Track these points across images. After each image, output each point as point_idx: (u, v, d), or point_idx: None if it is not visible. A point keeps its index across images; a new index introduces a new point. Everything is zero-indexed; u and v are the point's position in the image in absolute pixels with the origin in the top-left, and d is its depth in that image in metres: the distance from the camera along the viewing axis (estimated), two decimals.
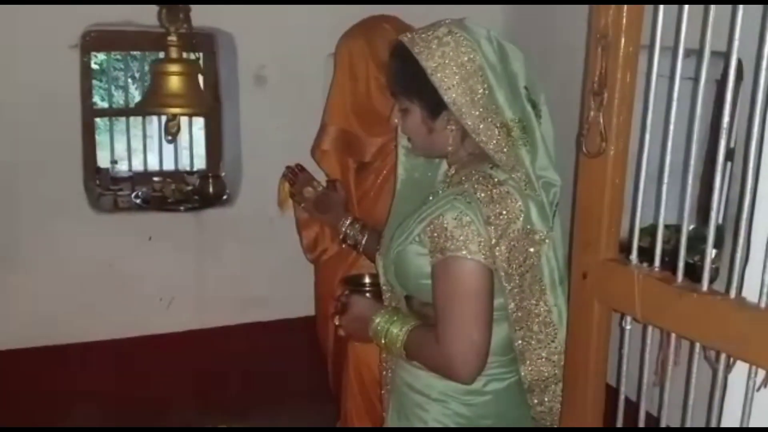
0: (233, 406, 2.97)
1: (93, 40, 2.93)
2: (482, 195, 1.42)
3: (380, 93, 2.05)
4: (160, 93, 2.32)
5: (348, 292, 1.74)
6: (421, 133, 1.56)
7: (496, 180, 1.45)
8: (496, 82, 1.45)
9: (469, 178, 1.47)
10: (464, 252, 1.39)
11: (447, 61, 1.43)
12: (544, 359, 1.55)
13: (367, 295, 1.75)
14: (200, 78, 2.52)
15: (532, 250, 1.48)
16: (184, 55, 2.30)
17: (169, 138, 2.51)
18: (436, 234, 1.41)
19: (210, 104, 2.85)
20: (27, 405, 2.76)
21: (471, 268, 1.40)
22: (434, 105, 1.49)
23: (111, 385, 2.88)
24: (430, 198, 1.55)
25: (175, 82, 2.29)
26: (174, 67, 2.28)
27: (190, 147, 3.57)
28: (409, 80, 1.50)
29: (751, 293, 1.06)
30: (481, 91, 1.44)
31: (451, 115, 1.47)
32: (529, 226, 1.46)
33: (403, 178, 1.72)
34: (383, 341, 1.56)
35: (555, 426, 1.60)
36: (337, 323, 1.69)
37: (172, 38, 2.24)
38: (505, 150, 1.46)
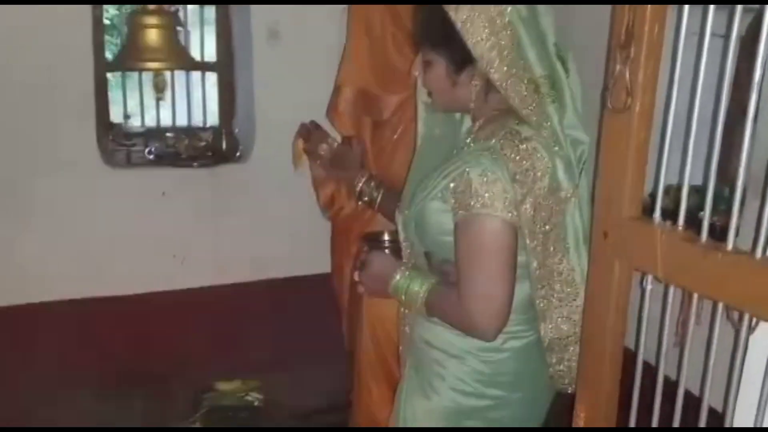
0: (248, 362, 2.99)
1: None
2: (509, 151, 1.39)
3: (397, 49, 2.02)
4: (137, 47, 2.22)
5: (367, 248, 1.73)
6: (444, 87, 1.52)
7: (523, 136, 1.42)
8: (526, 38, 1.42)
9: (495, 133, 1.44)
10: (489, 209, 1.36)
11: (477, 14, 1.39)
12: (564, 318, 1.54)
13: (387, 251, 1.73)
14: (178, 31, 2.40)
15: (557, 208, 1.46)
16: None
17: (159, 96, 2.46)
18: (460, 190, 1.39)
19: (189, 60, 2.77)
20: (42, 362, 2.79)
21: (496, 226, 1.38)
22: (460, 58, 1.45)
23: (125, 342, 2.90)
24: (454, 153, 1.53)
25: (152, 36, 2.21)
26: (151, 20, 2.18)
27: (203, 102, 3.54)
28: (436, 32, 1.47)
29: None
30: (510, 45, 1.41)
31: (476, 69, 1.44)
32: (555, 184, 1.44)
33: (423, 134, 1.69)
34: (403, 298, 1.55)
35: (572, 385, 1.59)
36: (356, 280, 1.68)
37: None
38: (532, 106, 1.44)
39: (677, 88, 1.16)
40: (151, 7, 2.13)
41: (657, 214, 1.21)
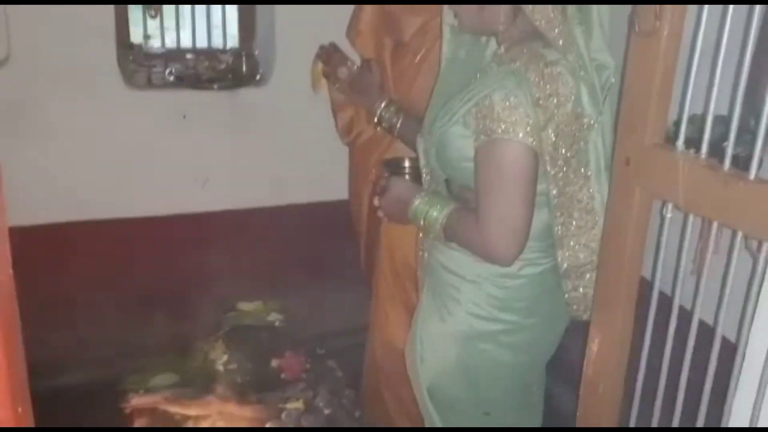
0: (269, 285, 3.04)
1: None
2: (533, 75, 1.37)
3: None
4: None
5: (387, 174, 1.73)
6: (471, 9, 1.49)
7: (548, 60, 1.39)
8: None
9: (520, 56, 1.42)
10: (511, 134, 1.35)
11: None
12: (582, 246, 1.54)
13: (407, 177, 1.73)
14: None
15: (579, 135, 1.44)
16: None
17: (152, 13, 2.44)
18: (482, 115, 1.38)
19: None
20: (65, 282, 2.84)
21: (517, 152, 1.36)
22: None
23: (147, 263, 2.94)
24: (478, 77, 1.50)
25: None
26: None
27: (223, 24, 3.50)
28: None
29: None
30: None
31: None
32: (578, 110, 1.42)
33: (448, 57, 1.66)
34: (422, 223, 1.56)
35: (587, 312, 1.60)
36: (376, 204, 1.69)
37: None
38: (558, 29, 1.41)
39: (707, 11, 1.13)
40: None
41: (680, 141, 1.19)
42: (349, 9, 2.27)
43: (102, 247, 2.89)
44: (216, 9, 3.41)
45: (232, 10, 3.41)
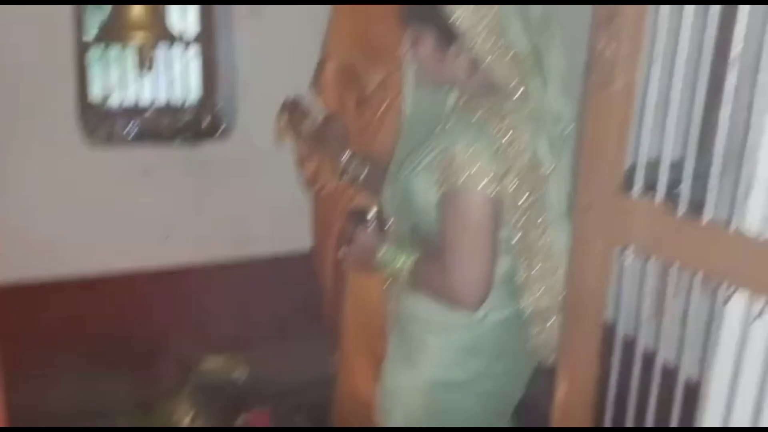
0: (233, 339, 3.00)
1: None
2: (492, 126, 1.42)
3: (382, 24, 2.02)
4: (120, 21, 2.21)
5: (353, 224, 1.75)
6: (432, 62, 1.54)
7: (506, 111, 1.44)
8: (510, 13, 1.43)
9: (479, 108, 1.46)
10: (473, 183, 1.39)
11: None
12: (544, 291, 1.57)
13: (372, 226, 1.76)
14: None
15: (538, 182, 1.48)
16: None
17: (145, 67, 2.45)
18: (445, 164, 1.42)
19: (170, 33, 2.77)
20: (23, 342, 2.77)
21: (480, 200, 1.40)
22: (447, 34, 1.47)
23: (108, 321, 2.89)
24: (439, 128, 1.54)
25: (135, 10, 2.19)
26: None
27: (184, 79, 3.52)
28: (422, 9, 1.48)
29: (752, 224, 1.07)
30: (494, 21, 1.42)
31: (463, 44, 1.46)
32: (536, 159, 1.47)
33: (410, 109, 1.71)
34: (389, 271, 1.58)
35: (552, 356, 1.62)
36: (342, 254, 1.71)
37: None
38: (516, 81, 1.46)
39: (660, 63, 1.18)
40: None
41: (637, 188, 1.23)
42: (312, 63, 2.31)
43: (62, 305, 2.84)
44: (177, 62, 3.44)
45: (193, 63, 3.44)
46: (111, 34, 2.32)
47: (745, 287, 1.06)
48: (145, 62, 2.30)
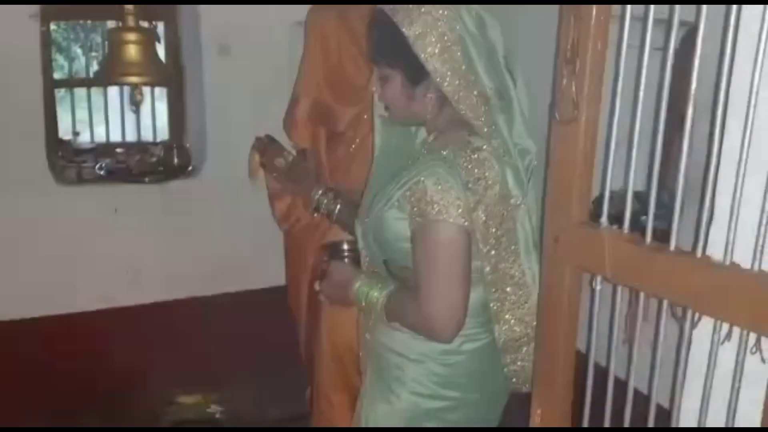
0: (207, 376, 2.99)
1: (52, 10, 2.87)
2: (461, 161, 1.45)
3: (353, 63, 2.07)
4: (119, 62, 2.28)
5: (327, 258, 1.77)
6: (401, 101, 1.58)
7: (474, 146, 1.48)
8: (475, 52, 1.48)
9: (448, 144, 1.50)
10: (444, 216, 1.42)
11: (429, 30, 1.45)
12: (517, 320, 1.60)
13: (346, 260, 1.78)
14: (159, 46, 2.48)
15: (508, 214, 1.52)
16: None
17: (134, 108, 2.48)
18: (416, 198, 1.45)
19: (170, 73, 2.83)
20: None
21: (451, 232, 1.44)
22: (415, 73, 1.51)
23: (81, 360, 2.86)
24: (410, 164, 1.58)
25: (132, 51, 2.26)
26: (131, 36, 2.24)
27: (153, 117, 3.54)
28: (391, 48, 1.52)
29: (715, 251, 1.11)
30: (461, 60, 1.47)
31: (431, 83, 1.50)
32: (505, 192, 1.51)
33: (380, 146, 1.74)
34: (363, 304, 1.60)
35: (527, 384, 1.65)
36: (317, 288, 1.72)
37: (129, 6, 2.20)
38: (482, 118, 1.51)
39: (620, 99, 1.23)
40: (131, 23, 2.18)
41: (604, 218, 1.27)
42: (280, 101, 2.34)
43: (34, 344, 2.81)
44: (146, 102, 3.46)
45: (161, 102, 3.46)
46: (110, 75, 2.37)
47: (710, 314, 1.10)
48: (136, 101, 2.34)
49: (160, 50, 3.27)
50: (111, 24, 2.79)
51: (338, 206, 2.04)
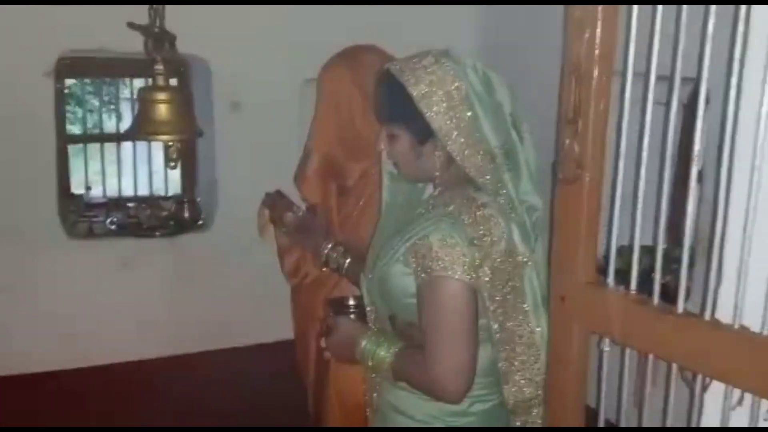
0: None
1: (67, 67, 2.93)
2: (466, 217, 1.45)
3: (364, 119, 2.07)
4: (150, 120, 2.31)
5: (332, 314, 1.75)
6: (409, 159, 1.58)
7: (479, 203, 1.48)
8: (481, 110, 1.48)
9: (453, 200, 1.49)
10: (449, 272, 1.41)
11: (434, 89, 1.46)
12: (527, 380, 1.56)
13: (352, 316, 1.76)
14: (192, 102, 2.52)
15: (514, 272, 1.50)
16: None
17: (172, 164, 2.50)
18: (421, 254, 1.43)
19: (197, 129, 2.87)
20: None
21: (456, 288, 1.42)
22: (422, 132, 1.51)
23: (89, 414, 2.84)
24: (415, 219, 1.57)
25: (163, 110, 2.29)
26: (162, 95, 2.28)
27: (165, 172, 3.57)
28: (397, 107, 1.52)
29: (724, 313, 1.09)
30: (466, 118, 1.47)
31: (438, 141, 1.50)
32: (511, 249, 1.49)
33: (387, 201, 1.73)
34: (369, 363, 1.57)
35: None
36: (323, 345, 1.70)
37: (159, 67, 2.24)
38: (488, 175, 1.50)
39: (625, 154, 1.23)
40: (161, 83, 2.23)
41: (610, 278, 1.26)
42: (290, 155, 2.35)
43: (40, 400, 2.80)
44: (157, 156, 3.49)
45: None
46: (142, 132, 2.42)
47: (720, 379, 1.07)
48: (172, 158, 2.37)
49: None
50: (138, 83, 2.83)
51: (347, 261, 2.03)
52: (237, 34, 2.89)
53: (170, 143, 2.31)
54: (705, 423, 1.16)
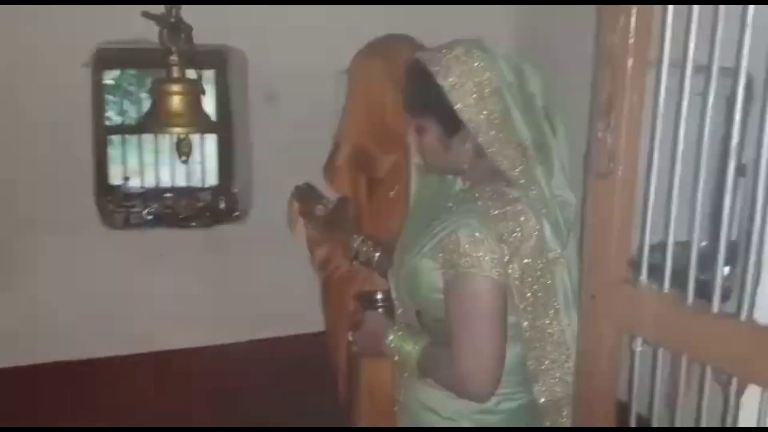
0: (247, 422, 2.97)
1: (105, 59, 2.95)
2: (496, 212, 1.42)
3: (396, 111, 2.04)
4: (162, 113, 2.31)
5: (361, 308, 1.74)
6: (437, 151, 1.55)
7: (510, 197, 1.44)
8: (512, 102, 1.45)
9: (482, 194, 1.47)
10: (477, 269, 1.38)
11: (464, 80, 1.42)
12: (557, 380, 1.53)
13: (380, 311, 1.74)
14: (201, 97, 2.52)
15: (546, 269, 1.47)
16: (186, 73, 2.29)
17: (184, 158, 2.51)
18: (448, 250, 1.41)
19: (210, 123, 2.87)
20: (42, 423, 2.77)
21: (484, 285, 1.39)
22: (451, 123, 1.48)
23: (124, 402, 2.89)
24: (443, 214, 1.54)
25: (176, 102, 2.28)
26: (175, 87, 2.27)
27: (202, 163, 3.60)
28: (426, 98, 1.49)
29: (762, 314, 1.05)
30: (497, 110, 1.44)
31: (467, 133, 1.47)
32: (542, 245, 1.46)
33: (416, 195, 1.71)
34: (397, 358, 1.56)
35: None
36: (351, 339, 1.69)
37: (174, 57, 2.24)
38: (519, 168, 1.46)
39: (659, 149, 1.18)
40: (175, 75, 2.22)
41: (644, 275, 1.21)
42: (325, 146, 2.34)
43: (79, 388, 2.84)
44: (195, 147, 3.51)
45: (211, 147, 3.51)
46: (153, 124, 2.42)
47: (756, 382, 1.03)
48: (183, 152, 2.37)
49: (210, 99, 3.34)
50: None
51: (377, 254, 2.01)
52: (274, 25, 2.88)
53: (182, 136, 2.30)
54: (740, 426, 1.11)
